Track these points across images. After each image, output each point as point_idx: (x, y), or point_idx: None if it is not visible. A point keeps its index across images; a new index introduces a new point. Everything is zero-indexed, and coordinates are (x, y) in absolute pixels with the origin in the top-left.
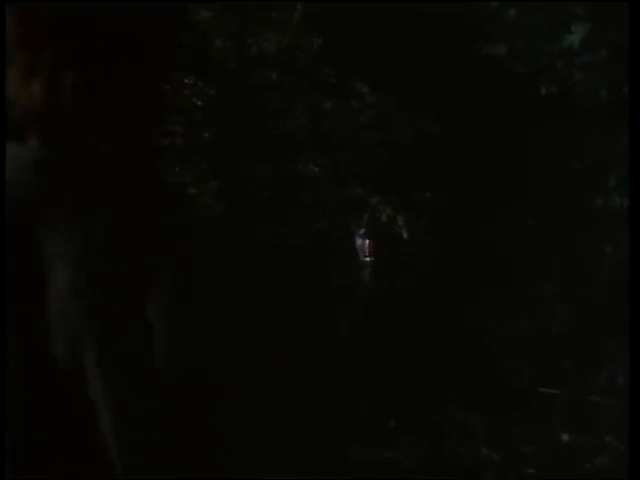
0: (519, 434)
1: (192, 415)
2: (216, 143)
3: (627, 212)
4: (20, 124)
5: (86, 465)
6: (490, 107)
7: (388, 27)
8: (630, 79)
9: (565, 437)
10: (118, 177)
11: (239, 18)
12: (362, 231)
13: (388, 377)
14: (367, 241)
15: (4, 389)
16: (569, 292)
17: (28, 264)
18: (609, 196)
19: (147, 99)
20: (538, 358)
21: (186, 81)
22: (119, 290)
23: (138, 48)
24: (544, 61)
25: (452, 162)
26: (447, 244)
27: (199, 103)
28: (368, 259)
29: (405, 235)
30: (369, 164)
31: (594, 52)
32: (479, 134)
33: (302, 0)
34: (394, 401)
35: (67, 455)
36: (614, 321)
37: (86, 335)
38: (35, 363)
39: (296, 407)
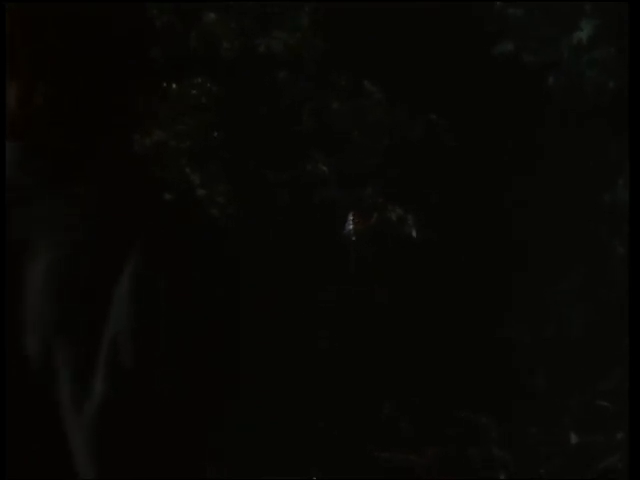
0: (531, 434)
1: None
2: (225, 144)
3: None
4: None
5: (55, 466)
6: (499, 106)
7: (394, 26)
8: (630, 79)
9: (576, 437)
10: (97, 178)
11: (246, 19)
12: (350, 216)
13: (397, 378)
14: (351, 214)
15: (4, 390)
16: (586, 293)
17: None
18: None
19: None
20: (552, 358)
21: (194, 82)
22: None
23: (114, 53)
24: (553, 58)
25: (464, 161)
26: (459, 244)
27: (207, 104)
28: (353, 228)
29: (414, 234)
30: (377, 163)
31: (603, 49)
32: (490, 133)
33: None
34: (405, 403)
35: (37, 456)
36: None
37: (59, 335)
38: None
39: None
